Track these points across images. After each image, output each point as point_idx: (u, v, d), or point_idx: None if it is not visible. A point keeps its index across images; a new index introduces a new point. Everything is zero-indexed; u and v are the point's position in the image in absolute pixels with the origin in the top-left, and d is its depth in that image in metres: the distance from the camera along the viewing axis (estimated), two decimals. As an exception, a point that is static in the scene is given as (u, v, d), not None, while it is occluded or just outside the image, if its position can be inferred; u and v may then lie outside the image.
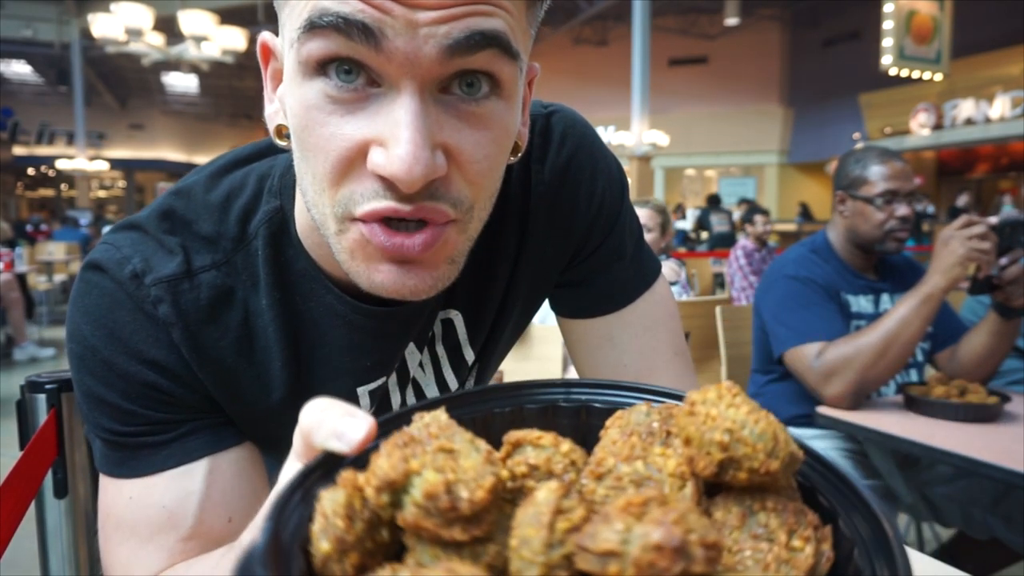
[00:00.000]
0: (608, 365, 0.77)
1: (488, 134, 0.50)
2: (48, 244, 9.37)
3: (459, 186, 0.50)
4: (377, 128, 0.47)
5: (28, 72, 19.35)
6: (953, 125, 13.87)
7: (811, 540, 0.30)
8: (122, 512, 0.60)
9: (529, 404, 0.41)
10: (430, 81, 0.47)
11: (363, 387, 0.68)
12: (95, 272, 0.60)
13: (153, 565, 0.59)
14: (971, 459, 1.25)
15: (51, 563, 0.90)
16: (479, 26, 0.46)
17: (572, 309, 0.78)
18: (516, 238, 0.71)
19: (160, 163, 22.80)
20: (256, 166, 0.68)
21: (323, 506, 0.31)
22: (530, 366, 2.07)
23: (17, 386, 0.90)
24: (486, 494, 0.29)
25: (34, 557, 0.90)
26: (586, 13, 16.50)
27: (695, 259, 6.36)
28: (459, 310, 0.72)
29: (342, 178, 0.49)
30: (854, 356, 1.53)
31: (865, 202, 1.75)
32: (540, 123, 0.71)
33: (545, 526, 0.28)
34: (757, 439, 0.31)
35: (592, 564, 0.26)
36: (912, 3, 10.86)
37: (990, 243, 1.50)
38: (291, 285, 0.63)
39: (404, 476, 0.30)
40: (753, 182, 19.77)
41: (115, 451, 0.60)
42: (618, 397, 0.41)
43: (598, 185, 0.72)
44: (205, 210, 0.63)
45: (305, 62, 0.47)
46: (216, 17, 10.10)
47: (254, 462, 0.65)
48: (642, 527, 0.26)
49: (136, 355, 0.58)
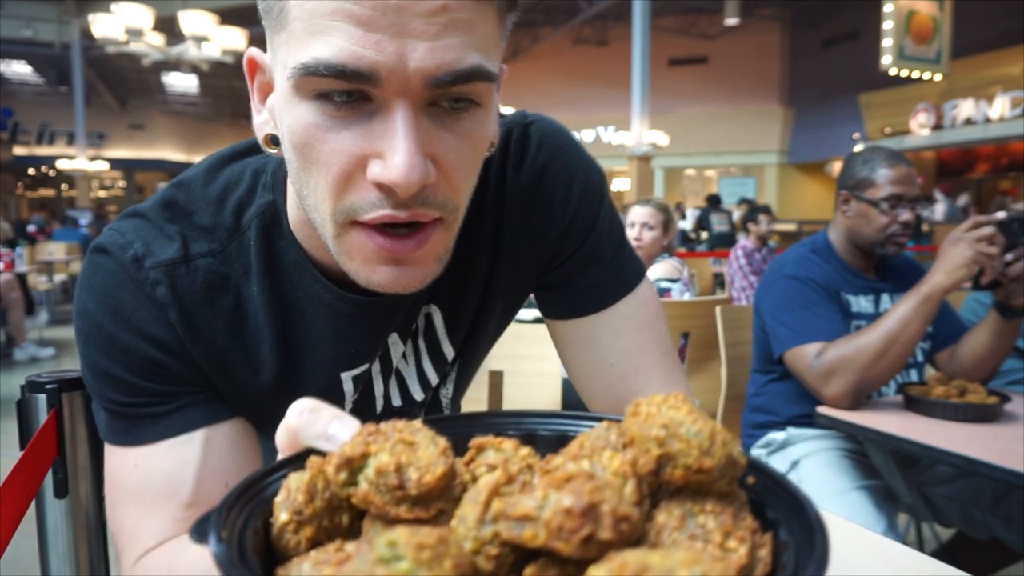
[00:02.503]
0: (594, 365, 0.79)
1: (469, 143, 0.55)
2: (48, 244, 9.37)
3: (444, 192, 0.55)
4: (374, 142, 0.51)
5: (28, 72, 19.36)
6: (953, 125, 13.86)
7: (746, 541, 0.31)
8: (128, 478, 0.64)
9: (480, 432, 0.42)
10: (419, 100, 0.52)
11: (346, 372, 0.72)
12: (100, 255, 0.65)
13: (157, 530, 0.63)
14: (971, 459, 1.25)
15: (51, 563, 0.90)
16: (460, 65, 0.50)
17: (555, 311, 0.81)
18: (492, 241, 0.76)
19: (160, 163, 22.79)
20: (251, 161, 0.72)
21: (288, 482, 0.34)
22: (529, 366, 2.07)
23: (17, 386, 0.90)
24: (435, 480, 0.32)
25: (34, 557, 0.90)
26: (586, 13, 16.50)
27: (695, 259, 6.36)
28: (438, 305, 0.77)
29: (343, 190, 0.54)
30: (854, 356, 1.53)
31: (869, 204, 1.75)
32: (518, 132, 0.76)
33: (480, 504, 0.30)
34: (693, 436, 0.32)
35: (512, 531, 0.28)
36: (912, 3, 10.85)
37: (997, 247, 1.50)
38: (281, 274, 0.68)
39: (362, 457, 0.33)
40: (753, 182, 19.76)
41: (119, 421, 0.65)
42: (564, 425, 0.43)
43: (573, 192, 0.76)
44: (203, 201, 0.68)
45: (303, 91, 0.51)
46: (216, 17, 10.09)
47: (248, 435, 0.69)
48: (557, 494, 0.27)
49: (137, 331, 0.63)
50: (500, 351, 1.82)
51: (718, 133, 19.36)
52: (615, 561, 0.25)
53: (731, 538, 0.31)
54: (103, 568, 0.94)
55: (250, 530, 0.32)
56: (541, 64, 20.66)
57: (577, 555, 0.27)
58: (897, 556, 0.72)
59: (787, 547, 0.31)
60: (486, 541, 0.29)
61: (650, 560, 0.25)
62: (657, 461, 0.32)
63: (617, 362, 0.78)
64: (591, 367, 0.79)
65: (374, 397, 0.77)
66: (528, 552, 0.29)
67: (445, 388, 0.85)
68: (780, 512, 0.33)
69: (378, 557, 0.25)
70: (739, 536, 0.31)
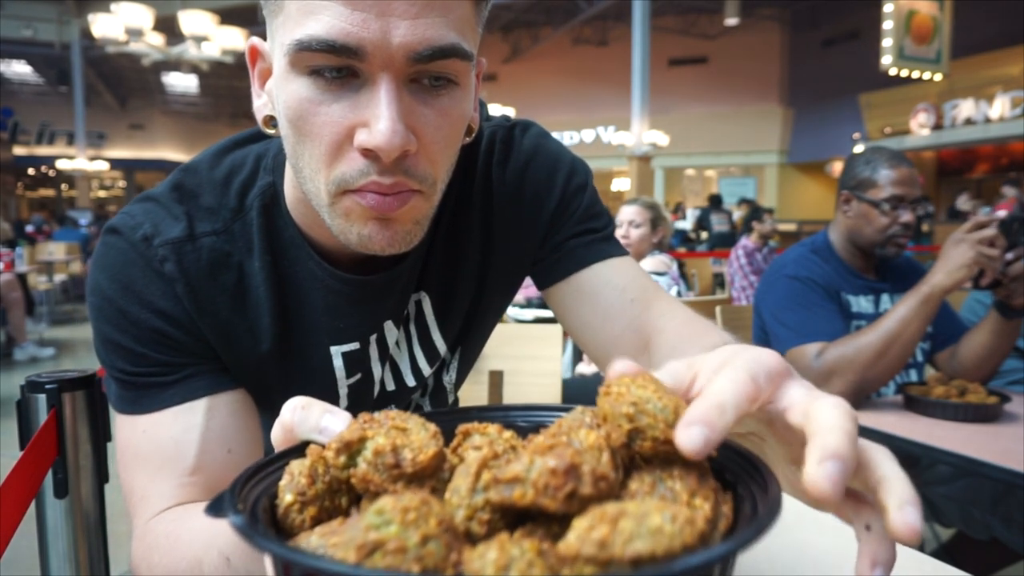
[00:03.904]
0: (612, 304, 0.82)
1: (447, 119, 0.60)
2: (48, 244, 9.37)
3: (424, 164, 0.60)
4: (360, 112, 0.57)
5: (28, 72, 19.37)
6: (953, 125, 13.86)
7: (709, 499, 0.34)
8: (137, 444, 0.68)
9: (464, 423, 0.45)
10: (402, 75, 0.57)
11: (336, 347, 0.77)
12: (112, 235, 0.70)
13: (166, 492, 0.67)
14: (971, 459, 1.25)
15: (51, 563, 0.90)
16: (439, 42, 0.56)
17: (557, 273, 0.84)
18: (482, 235, 0.82)
19: (160, 163, 22.78)
20: (254, 147, 0.78)
21: (291, 467, 0.38)
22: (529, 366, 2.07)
23: (17, 386, 0.90)
24: (427, 459, 0.36)
25: (34, 557, 0.90)
26: (586, 13, 16.50)
27: (695, 259, 6.36)
28: (428, 293, 0.82)
29: (334, 160, 0.59)
30: (854, 356, 1.53)
31: (871, 205, 1.75)
32: (502, 133, 0.83)
33: (472, 475, 0.34)
34: (659, 412, 0.35)
35: (502, 493, 0.31)
36: (912, 3, 10.86)
37: (999, 249, 1.50)
38: (280, 251, 0.73)
39: (360, 440, 0.37)
40: (753, 182, 19.76)
41: (128, 391, 0.69)
42: (542, 416, 0.47)
43: (558, 178, 0.83)
44: (209, 184, 0.73)
45: (298, 67, 0.57)
46: (216, 17, 10.09)
47: (248, 406, 0.74)
48: (542, 458, 0.31)
49: (147, 305, 0.68)
50: (500, 351, 1.82)
51: (718, 133, 19.35)
52: (595, 511, 0.28)
53: (696, 497, 0.34)
54: (103, 568, 0.94)
55: (260, 508, 0.36)
56: (541, 64, 20.66)
57: (561, 510, 0.30)
58: (897, 556, 0.72)
59: (744, 500, 0.35)
60: (478, 508, 0.33)
61: (626, 508, 0.28)
62: (628, 435, 0.36)
63: (636, 295, 0.82)
64: (610, 308, 0.82)
65: (373, 381, 0.82)
66: (516, 519, 0.33)
67: (448, 375, 0.90)
68: (738, 474, 0.37)
69: (368, 524, 0.28)
70: (703, 495, 0.34)
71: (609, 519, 0.27)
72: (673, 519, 0.27)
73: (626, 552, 0.26)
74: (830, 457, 0.33)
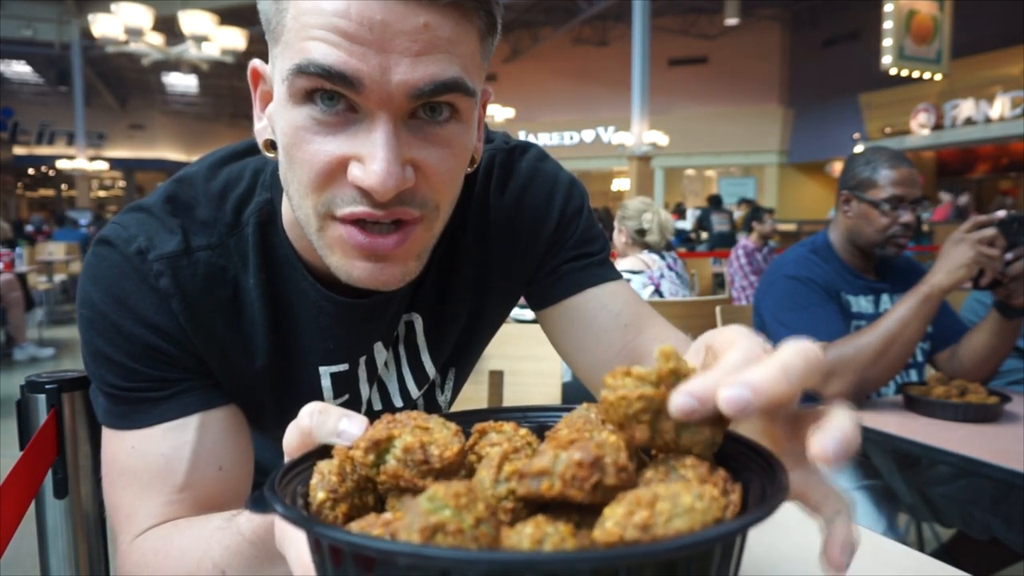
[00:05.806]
0: (606, 328, 0.82)
1: (449, 151, 0.59)
2: (48, 244, 9.37)
3: (425, 191, 0.59)
4: (356, 147, 0.55)
5: (28, 72, 19.37)
6: (953, 125, 13.86)
7: (719, 486, 0.35)
8: (125, 460, 0.67)
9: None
10: (400, 112, 0.55)
11: (324, 367, 0.76)
12: (105, 247, 0.68)
13: (153, 511, 0.66)
14: (971, 459, 1.25)
15: (51, 563, 0.90)
16: (441, 76, 0.54)
17: (553, 296, 0.84)
18: (477, 258, 0.81)
19: (160, 163, 22.79)
20: (251, 161, 0.76)
21: (321, 467, 0.39)
22: (529, 366, 2.07)
23: (17, 386, 0.90)
24: (453, 455, 0.38)
25: (34, 557, 0.90)
26: (586, 13, 16.51)
27: (695, 259, 6.36)
28: (420, 314, 0.81)
29: (324, 186, 0.58)
30: (854, 356, 1.53)
31: (871, 205, 1.75)
32: (500, 156, 0.82)
33: (494, 467, 0.36)
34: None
35: (529, 486, 0.33)
36: (912, 3, 10.86)
37: (998, 249, 1.50)
38: (275, 268, 0.72)
39: (387, 439, 0.38)
40: (753, 182, 19.76)
41: (118, 405, 0.68)
42: (544, 416, 0.48)
43: (555, 202, 0.83)
44: (204, 197, 0.72)
45: (294, 93, 0.55)
46: (216, 17, 10.09)
47: (240, 422, 0.73)
48: (567, 452, 0.33)
49: (140, 320, 0.66)
50: (500, 351, 1.82)
51: (718, 133, 19.36)
52: (628, 496, 0.31)
53: (707, 485, 0.35)
54: (103, 568, 0.94)
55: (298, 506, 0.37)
56: (541, 64, 20.66)
57: (587, 500, 0.32)
58: (897, 556, 0.72)
59: (753, 485, 0.37)
60: (502, 497, 0.35)
61: (658, 491, 0.30)
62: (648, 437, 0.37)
63: (630, 320, 0.82)
64: (603, 332, 0.82)
65: (360, 402, 0.81)
66: (537, 507, 0.35)
67: (444, 395, 0.89)
68: (747, 464, 0.39)
69: (424, 510, 0.30)
70: (714, 482, 0.35)
71: (646, 503, 0.30)
72: (700, 496, 0.30)
73: (668, 531, 0.29)
74: (739, 383, 0.35)
